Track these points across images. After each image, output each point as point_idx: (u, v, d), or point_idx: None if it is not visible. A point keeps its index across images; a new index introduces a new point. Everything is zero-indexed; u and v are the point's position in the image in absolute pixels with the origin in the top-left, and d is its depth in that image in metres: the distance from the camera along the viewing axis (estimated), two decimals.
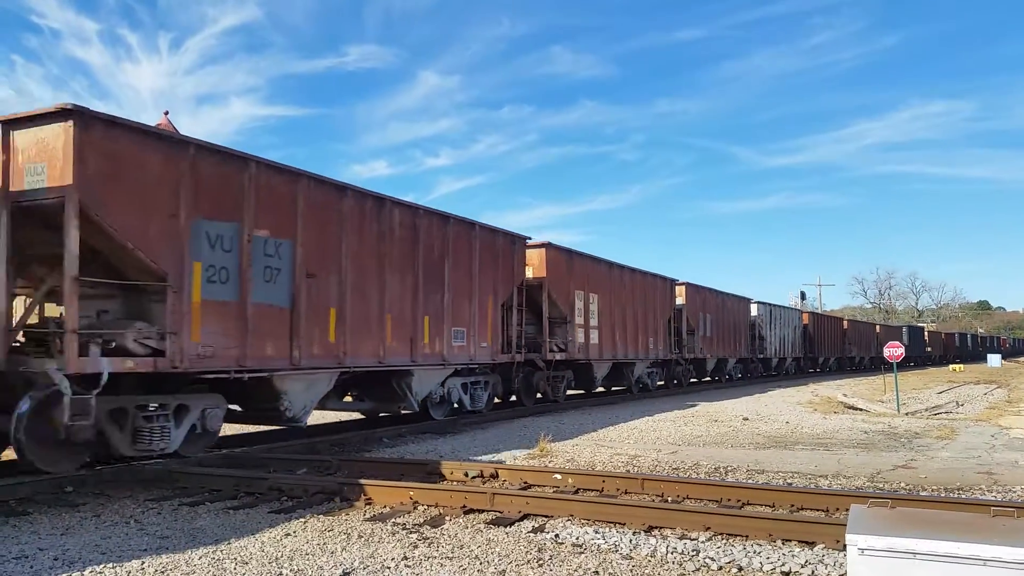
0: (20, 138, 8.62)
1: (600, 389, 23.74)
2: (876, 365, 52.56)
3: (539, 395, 19.51)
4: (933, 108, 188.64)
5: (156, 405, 9.45)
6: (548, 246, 18.94)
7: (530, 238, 18.13)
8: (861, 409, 20.51)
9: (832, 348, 49.26)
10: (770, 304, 39.19)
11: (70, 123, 8.30)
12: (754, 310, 36.29)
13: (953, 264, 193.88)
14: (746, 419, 17.22)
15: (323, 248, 11.62)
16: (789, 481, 9.45)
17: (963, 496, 8.36)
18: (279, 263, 10.79)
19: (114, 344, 8.83)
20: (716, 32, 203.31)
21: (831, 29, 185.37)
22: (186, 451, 10.02)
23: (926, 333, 75.05)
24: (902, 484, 9.25)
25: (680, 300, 27.58)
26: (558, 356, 19.20)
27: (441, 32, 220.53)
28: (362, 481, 8.17)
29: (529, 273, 18.22)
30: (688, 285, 28.41)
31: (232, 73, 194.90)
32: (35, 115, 8.51)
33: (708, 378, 31.84)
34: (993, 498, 8.23)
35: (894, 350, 21.19)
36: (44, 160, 8.43)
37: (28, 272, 9.30)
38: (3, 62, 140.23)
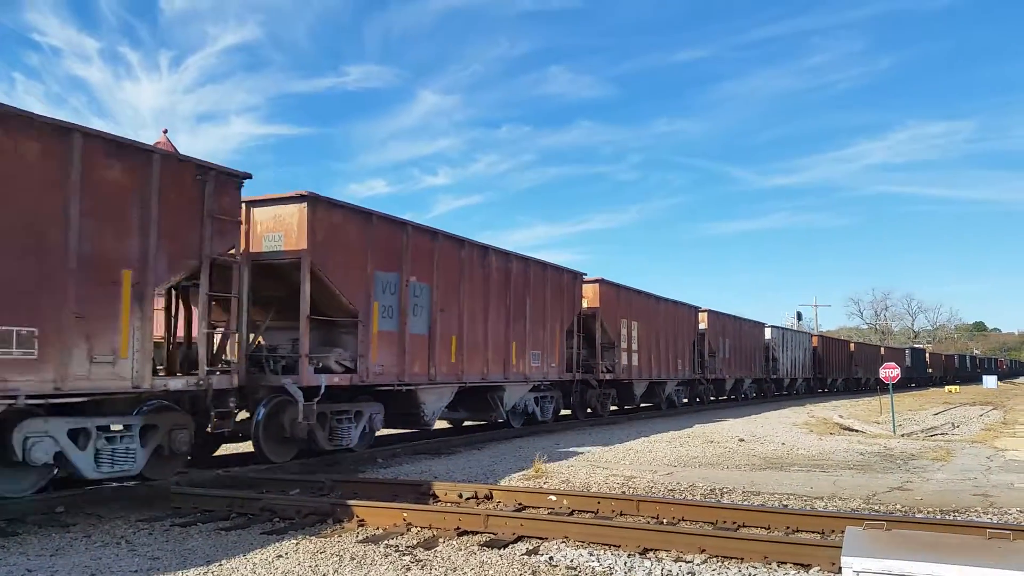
0: (259, 214, 11.71)
1: (644, 405, 26.51)
2: (876, 386, 50.22)
3: (589, 410, 22.09)
4: (932, 129, 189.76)
5: (345, 410, 12.58)
6: (601, 281, 22.07)
7: (586, 274, 21.26)
8: (857, 430, 20.47)
9: (840, 369, 51.28)
10: (782, 328, 42.98)
11: (304, 205, 11.44)
12: (768, 334, 38.77)
13: (949, 285, 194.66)
14: (742, 440, 17.18)
15: (449, 289, 14.88)
16: (784, 503, 9.41)
17: (959, 518, 8.34)
18: (422, 302, 14.10)
19: (321, 364, 11.84)
20: (715, 53, 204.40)
21: (829, 50, 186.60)
22: (358, 447, 12.98)
23: (927, 355, 77.15)
24: (898, 506, 9.22)
25: (703, 325, 30.13)
26: (607, 376, 22.21)
27: (440, 52, 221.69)
28: (355, 502, 8.12)
29: (584, 304, 21.17)
30: (710, 312, 30.79)
31: (232, 92, 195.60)
32: (274, 197, 11.69)
33: (726, 397, 33.98)
34: (989, 520, 8.20)
35: (890, 371, 21.19)
36: (281, 230, 11.54)
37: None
38: (3, 79, 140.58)
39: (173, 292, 10.68)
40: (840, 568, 4.51)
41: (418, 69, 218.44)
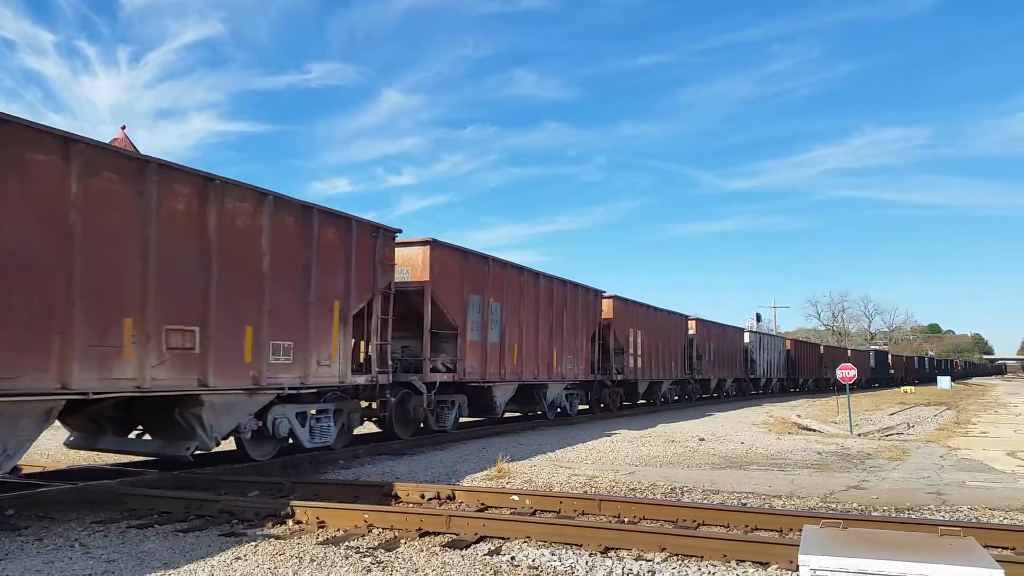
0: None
1: (640, 402, 29.69)
2: (841, 386, 54.96)
3: (602, 405, 25.54)
4: (888, 135, 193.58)
5: (444, 400, 16.33)
6: (615, 297, 25.78)
7: (605, 292, 24.85)
8: (815, 430, 20.77)
9: (811, 370, 55.45)
10: (759, 332, 47.17)
11: (427, 247, 15.42)
12: (747, 338, 42.04)
13: (905, 288, 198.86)
14: (702, 439, 17.34)
15: (512, 307, 18.64)
16: (744, 502, 9.52)
17: (913, 516, 8.51)
18: (496, 318, 17.84)
19: (432, 367, 15.49)
20: (678, 58, 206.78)
21: (789, 57, 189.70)
22: (451, 429, 16.66)
23: (889, 357, 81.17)
24: (854, 504, 9.37)
25: (692, 332, 33.31)
26: (618, 377, 25.71)
27: (405, 51, 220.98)
28: (315, 504, 8.05)
29: (600, 315, 24.61)
30: (698, 320, 34.13)
31: (192, 88, 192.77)
32: (404, 241, 15.11)
33: (710, 395, 37.16)
34: (941, 518, 8.38)
35: (846, 372, 21.53)
36: (408, 266, 15.38)
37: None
38: None
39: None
40: (798, 566, 4.57)
41: (382, 68, 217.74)
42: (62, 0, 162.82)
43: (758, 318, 73.61)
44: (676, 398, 32.89)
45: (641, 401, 29.71)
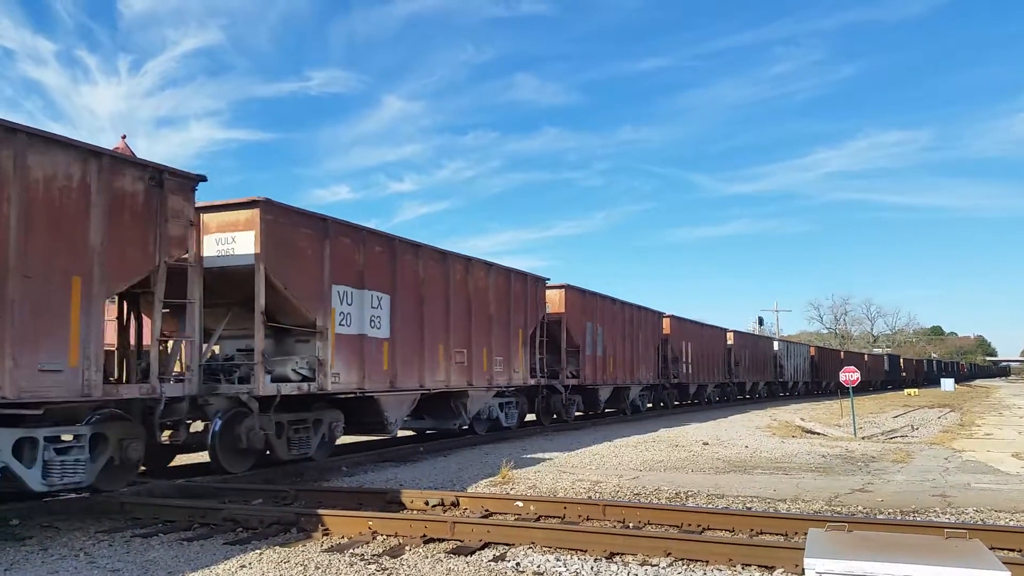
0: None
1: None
2: (864, 388, 61.93)
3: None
4: (889, 137, 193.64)
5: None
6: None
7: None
8: (819, 433, 20.74)
9: (832, 374, 57.60)
10: (787, 341, 54.49)
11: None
12: (776, 346, 48.37)
13: (907, 290, 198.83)
14: (706, 444, 17.32)
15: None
16: (748, 506, 9.50)
17: (918, 519, 8.49)
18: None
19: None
20: (679, 62, 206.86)
21: (791, 60, 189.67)
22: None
23: (901, 361, 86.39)
24: (859, 507, 9.35)
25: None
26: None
27: (406, 57, 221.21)
28: (319, 511, 8.04)
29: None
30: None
31: (193, 96, 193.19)
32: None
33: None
34: (947, 520, 8.36)
35: (849, 375, 21.50)
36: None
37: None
38: None
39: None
40: (803, 569, 4.56)
41: (383, 74, 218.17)
42: (62, 9, 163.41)
43: (760, 322, 73.81)
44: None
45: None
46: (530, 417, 21.58)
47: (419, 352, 14.98)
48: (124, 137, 12.02)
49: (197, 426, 11.37)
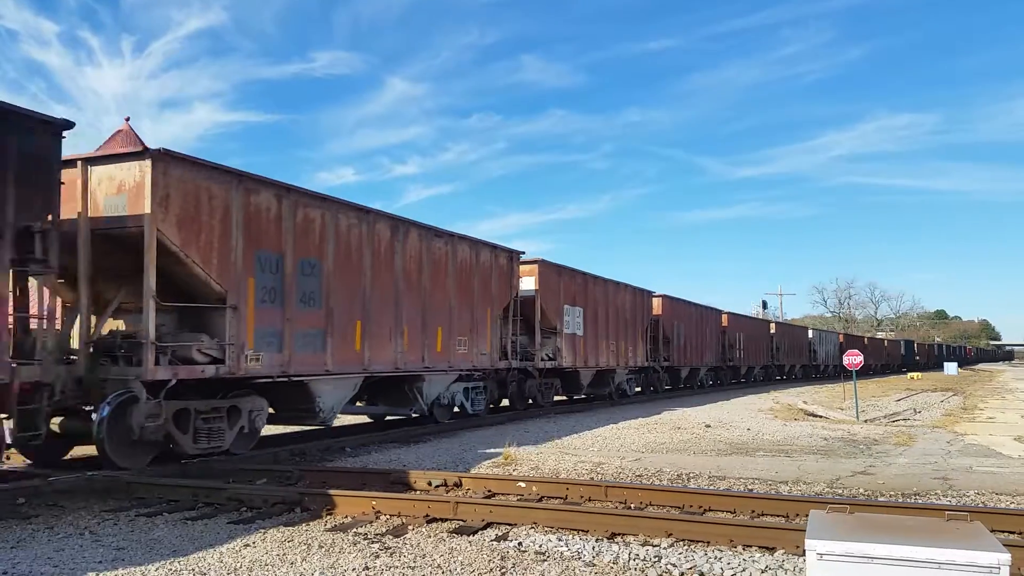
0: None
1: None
2: (882, 370, 70.79)
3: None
4: (899, 120, 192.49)
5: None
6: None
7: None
8: (821, 416, 20.79)
9: (828, 355, 67.29)
10: (819, 329, 65.48)
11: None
12: (810, 334, 57.20)
13: (912, 274, 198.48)
14: (708, 426, 17.36)
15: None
16: (750, 487, 9.53)
17: (920, 501, 8.51)
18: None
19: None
20: (687, 43, 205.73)
21: (800, 41, 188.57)
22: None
23: (916, 345, 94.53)
24: (861, 490, 9.38)
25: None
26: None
27: (410, 39, 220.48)
28: (323, 491, 8.09)
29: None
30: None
31: (197, 78, 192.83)
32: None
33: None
34: (948, 503, 8.39)
35: (853, 358, 21.51)
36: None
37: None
38: None
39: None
40: (804, 551, 4.58)
41: (387, 56, 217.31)
42: None
43: (764, 305, 73.87)
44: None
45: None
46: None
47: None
48: (128, 120, 12.01)
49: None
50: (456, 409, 17.20)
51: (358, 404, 15.30)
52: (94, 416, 9.73)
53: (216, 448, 10.83)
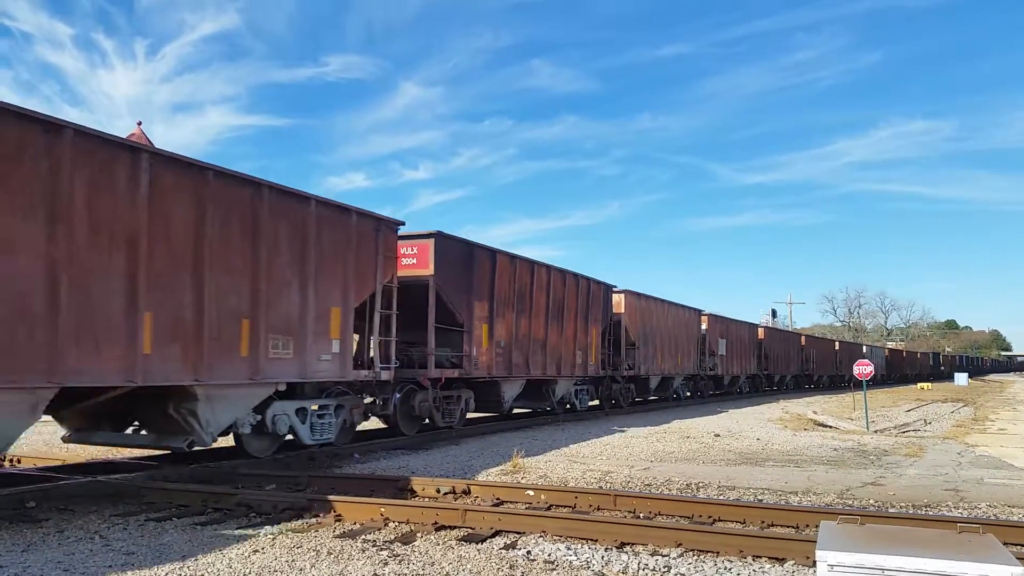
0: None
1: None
2: (905, 380, 75.13)
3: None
4: (913, 127, 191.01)
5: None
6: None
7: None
8: (830, 426, 20.69)
9: (899, 369, 78.19)
10: (872, 345, 76.31)
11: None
12: (836, 345, 61.96)
13: (922, 283, 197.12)
14: (717, 436, 17.30)
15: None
16: (760, 498, 9.49)
17: (930, 513, 8.46)
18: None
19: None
20: (699, 49, 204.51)
21: (813, 47, 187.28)
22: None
23: (941, 357, 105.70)
24: (871, 501, 9.33)
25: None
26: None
27: (423, 43, 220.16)
28: (332, 497, 8.10)
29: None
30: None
31: (210, 81, 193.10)
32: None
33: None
34: (959, 515, 8.33)
35: (863, 368, 21.43)
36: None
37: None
38: None
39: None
40: (815, 562, 4.56)
41: (400, 60, 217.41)
42: None
43: (773, 314, 73.69)
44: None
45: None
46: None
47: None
48: (140, 124, 12.10)
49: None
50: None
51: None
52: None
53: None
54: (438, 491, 9.12)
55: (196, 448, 10.45)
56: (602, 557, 6.39)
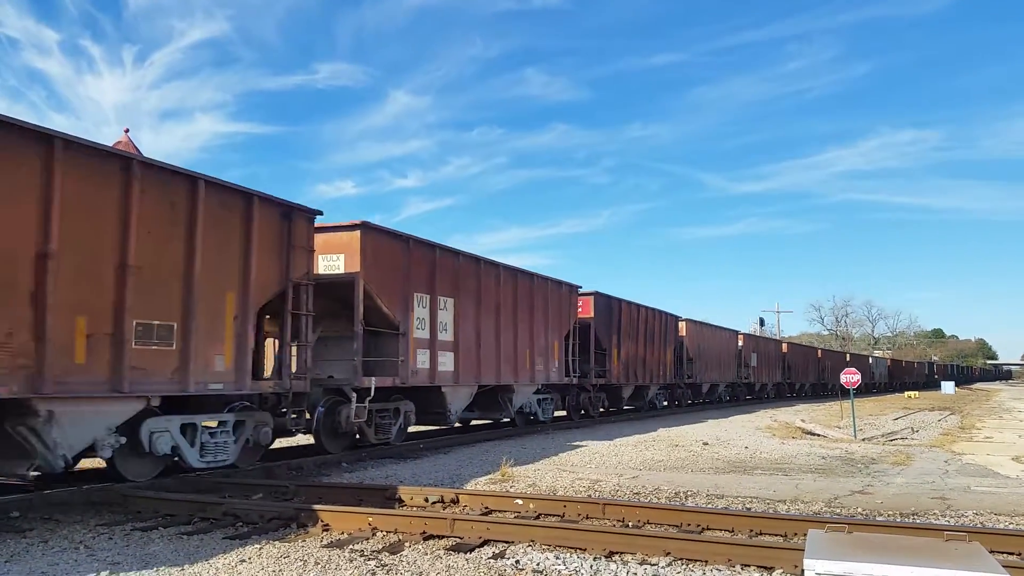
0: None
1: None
2: (899, 388, 76.99)
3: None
4: (902, 137, 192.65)
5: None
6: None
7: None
8: (818, 435, 20.74)
9: (901, 376, 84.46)
10: (856, 353, 77.33)
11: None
12: (870, 360, 66.51)
13: (909, 292, 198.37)
14: (706, 444, 17.32)
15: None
16: (748, 506, 9.50)
17: (918, 521, 8.49)
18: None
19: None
20: (691, 58, 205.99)
21: (804, 57, 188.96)
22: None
23: (935, 366, 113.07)
24: (859, 509, 9.35)
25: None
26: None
27: (413, 51, 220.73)
28: (319, 507, 8.05)
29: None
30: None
31: (198, 88, 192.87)
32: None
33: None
34: (946, 523, 8.35)
35: (850, 376, 21.49)
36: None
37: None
38: None
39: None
40: (803, 570, 4.57)
41: (390, 68, 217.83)
42: None
43: (761, 322, 73.97)
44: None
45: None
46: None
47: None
48: (127, 131, 12.06)
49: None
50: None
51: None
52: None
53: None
54: (426, 500, 9.09)
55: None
56: (591, 566, 6.38)
